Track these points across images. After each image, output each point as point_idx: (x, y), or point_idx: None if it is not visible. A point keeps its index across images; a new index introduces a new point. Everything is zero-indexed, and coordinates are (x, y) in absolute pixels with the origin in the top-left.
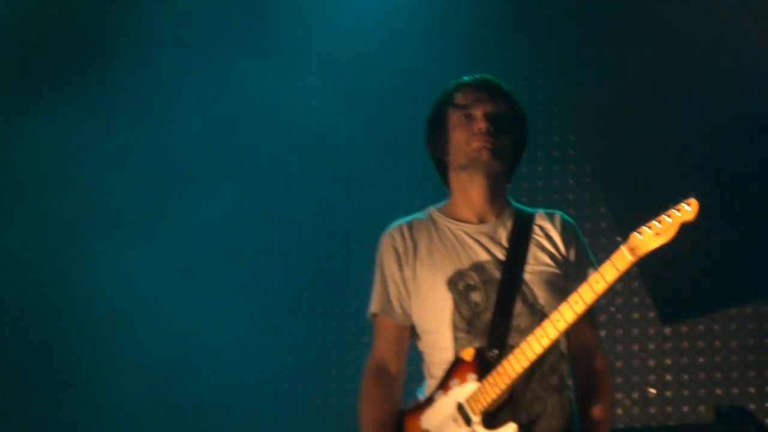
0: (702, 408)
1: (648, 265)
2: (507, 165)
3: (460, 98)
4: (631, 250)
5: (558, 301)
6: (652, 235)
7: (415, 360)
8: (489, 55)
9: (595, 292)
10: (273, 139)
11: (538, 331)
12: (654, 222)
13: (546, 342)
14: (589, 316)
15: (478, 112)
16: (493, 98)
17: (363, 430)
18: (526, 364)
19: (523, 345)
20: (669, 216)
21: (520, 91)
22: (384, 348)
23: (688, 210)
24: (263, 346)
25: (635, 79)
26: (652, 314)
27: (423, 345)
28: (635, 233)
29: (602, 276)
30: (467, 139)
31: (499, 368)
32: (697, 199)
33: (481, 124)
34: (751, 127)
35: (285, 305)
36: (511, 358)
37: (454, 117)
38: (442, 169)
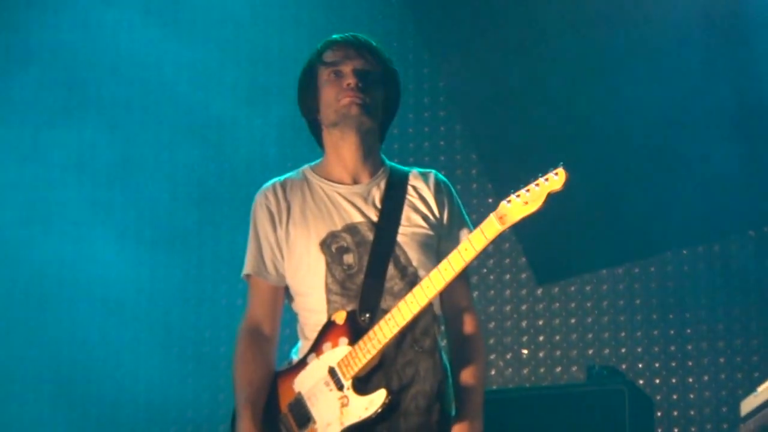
0: (574, 368)
1: (520, 226)
2: (378, 122)
3: (329, 55)
4: (500, 219)
5: (432, 262)
6: (521, 204)
7: (290, 322)
8: (359, 15)
9: (464, 260)
10: (143, 94)
11: (408, 296)
12: (523, 191)
13: (416, 308)
14: (462, 277)
15: (347, 69)
16: (362, 55)
17: (237, 391)
18: (396, 329)
19: (394, 311)
20: (537, 185)
21: (390, 52)
22: (258, 309)
23: (555, 179)
24: (135, 308)
25: (509, 42)
26: (524, 275)
27: (297, 306)
28: (504, 202)
29: (471, 244)
30: (336, 95)
31: (370, 333)
32: (566, 169)
33: (350, 80)
34: (621, 96)
35: (157, 269)
36: (381, 323)
37: (324, 74)
38: (315, 129)
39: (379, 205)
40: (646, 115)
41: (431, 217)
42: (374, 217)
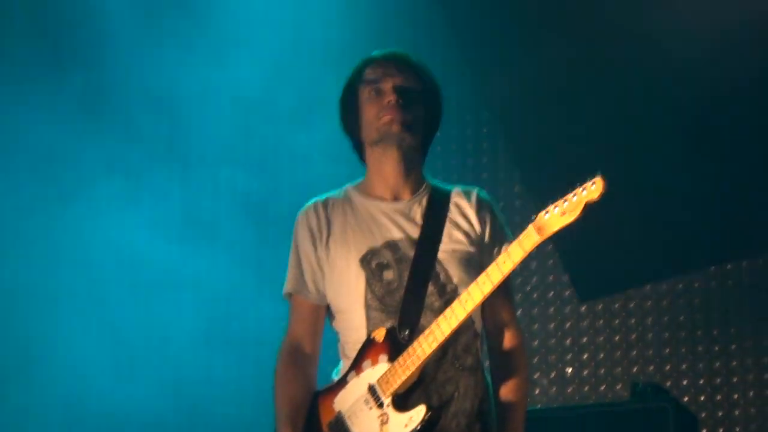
0: (619, 386)
1: (563, 242)
2: (420, 138)
3: (369, 73)
4: (539, 230)
5: (474, 279)
6: (558, 215)
7: (332, 343)
8: (402, 32)
9: (502, 272)
10: (186, 113)
11: (447, 311)
12: (560, 201)
13: (454, 323)
14: (505, 293)
15: (386, 86)
16: (402, 71)
17: (277, 410)
18: (435, 345)
19: (433, 326)
20: (575, 195)
21: (433, 69)
22: (299, 328)
23: (593, 189)
24: (180, 333)
25: (549, 59)
26: (567, 293)
27: (337, 324)
28: (542, 213)
29: (509, 256)
30: (377, 113)
31: (410, 349)
32: (603, 177)
33: (390, 98)
34: (665, 111)
35: (202, 289)
36: (420, 339)
37: (364, 93)
38: (358, 147)
39: (420, 222)
40: (689, 130)
41: (473, 234)
42: (415, 234)
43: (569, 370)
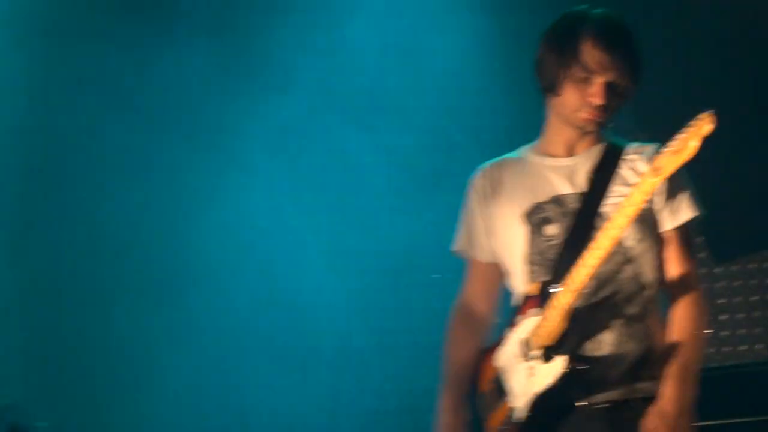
0: (759, 346)
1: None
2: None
3: (585, 52)
4: (655, 171)
5: (643, 233)
6: (671, 154)
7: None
8: None
9: (626, 215)
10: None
11: (580, 261)
12: (672, 141)
13: (585, 273)
14: (681, 248)
15: (598, 80)
16: (618, 66)
17: (445, 368)
18: (571, 295)
19: (569, 277)
20: (684, 133)
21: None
22: (471, 286)
23: (700, 123)
24: (349, 288)
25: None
26: (702, 255)
27: (508, 282)
28: (657, 155)
29: (630, 200)
30: (579, 105)
31: (554, 301)
32: (711, 113)
33: (597, 99)
34: None
35: (368, 250)
36: (564, 290)
37: (575, 71)
38: (545, 93)
39: (588, 177)
40: None
41: None
42: (583, 189)
43: (708, 331)
